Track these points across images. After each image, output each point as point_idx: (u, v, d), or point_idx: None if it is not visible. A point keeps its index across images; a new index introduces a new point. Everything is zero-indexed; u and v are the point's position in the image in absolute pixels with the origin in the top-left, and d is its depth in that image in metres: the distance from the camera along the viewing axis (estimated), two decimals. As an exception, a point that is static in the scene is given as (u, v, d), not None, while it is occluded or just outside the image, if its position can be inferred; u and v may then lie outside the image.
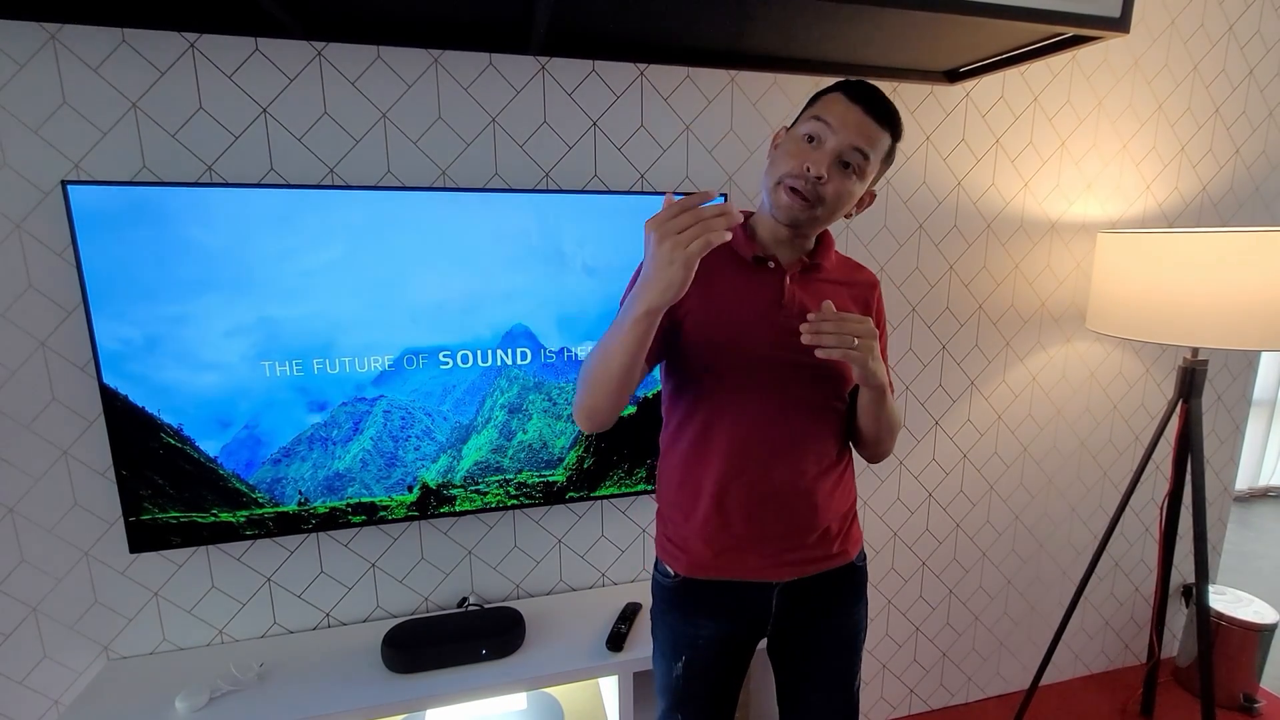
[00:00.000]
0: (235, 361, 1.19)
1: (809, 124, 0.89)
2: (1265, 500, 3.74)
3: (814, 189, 0.88)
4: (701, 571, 1.01)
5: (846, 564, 1.04)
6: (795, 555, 0.99)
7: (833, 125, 0.87)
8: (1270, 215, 2.00)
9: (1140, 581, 2.16)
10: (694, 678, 1.04)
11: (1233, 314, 1.36)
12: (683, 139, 1.47)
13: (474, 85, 1.33)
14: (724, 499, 0.97)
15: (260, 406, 1.22)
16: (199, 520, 1.23)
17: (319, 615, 1.45)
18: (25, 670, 1.30)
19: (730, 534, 0.98)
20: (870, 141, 0.88)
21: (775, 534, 0.98)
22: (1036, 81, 1.69)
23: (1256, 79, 1.87)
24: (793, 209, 0.89)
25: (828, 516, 1.00)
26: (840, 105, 0.88)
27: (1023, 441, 1.92)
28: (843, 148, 0.87)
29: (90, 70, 1.15)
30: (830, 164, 0.87)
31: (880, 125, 0.88)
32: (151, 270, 1.12)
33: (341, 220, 1.20)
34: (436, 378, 1.30)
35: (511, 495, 1.39)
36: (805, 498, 0.98)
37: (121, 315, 1.12)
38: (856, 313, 0.96)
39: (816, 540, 1.00)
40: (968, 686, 2.05)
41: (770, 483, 0.96)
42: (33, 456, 1.23)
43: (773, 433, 0.96)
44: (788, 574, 1.00)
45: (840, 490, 1.03)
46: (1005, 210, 1.74)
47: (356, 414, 1.27)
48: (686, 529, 1.01)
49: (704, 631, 1.03)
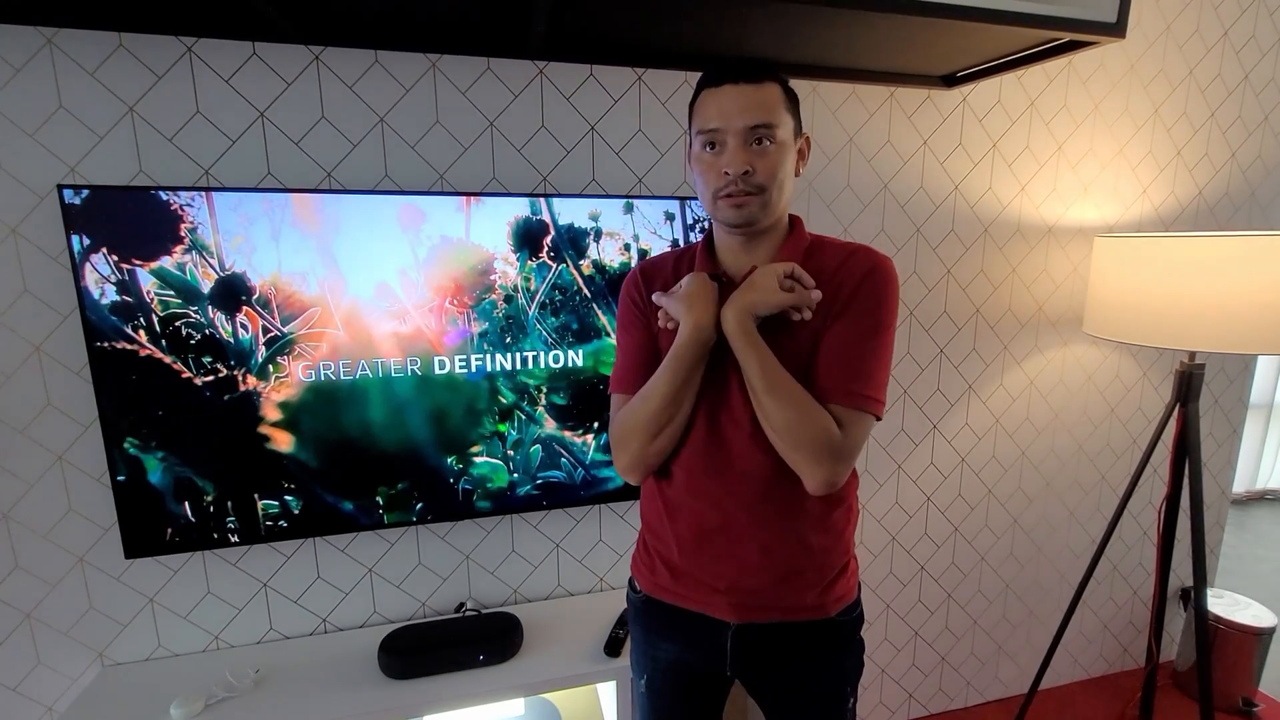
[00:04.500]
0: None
1: (698, 137, 0.87)
2: (1262, 503, 3.74)
3: (745, 184, 0.84)
4: (660, 593, 0.98)
5: (822, 619, 0.93)
6: (749, 599, 0.91)
7: (719, 123, 0.84)
8: (1266, 219, 2.00)
9: (1138, 585, 2.16)
10: (656, 695, 1.03)
11: (1229, 318, 1.36)
12: (680, 144, 1.47)
13: (472, 89, 1.33)
14: (681, 527, 0.94)
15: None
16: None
17: (315, 621, 1.45)
18: (19, 677, 1.29)
19: (687, 560, 0.94)
20: (761, 109, 0.83)
21: (727, 570, 0.91)
22: (1033, 86, 1.69)
23: (1252, 84, 1.88)
24: (740, 211, 0.86)
25: (790, 560, 0.90)
26: (712, 99, 0.85)
27: (1020, 445, 1.92)
28: (742, 133, 0.83)
29: (87, 74, 1.15)
30: (743, 154, 0.83)
31: (756, 85, 0.84)
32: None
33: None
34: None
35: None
36: (757, 533, 0.90)
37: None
38: (830, 301, 0.87)
39: (776, 585, 0.91)
40: (966, 691, 2.05)
41: (722, 513, 0.91)
42: (27, 462, 1.23)
43: (723, 457, 0.90)
44: (739, 616, 0.92)
45: (818, 535, 0.91)
46: (1002, 214, 1.75)
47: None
48: (654, 545, 1.00)
49: (661, 653, 1.01)
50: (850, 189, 1.61)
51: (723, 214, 0.88)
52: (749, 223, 0.87)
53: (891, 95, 1.59)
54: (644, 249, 1.37)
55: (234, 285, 1.16)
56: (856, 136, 1.59)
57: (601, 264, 1.35)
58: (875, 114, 1.59)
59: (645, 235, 1.37)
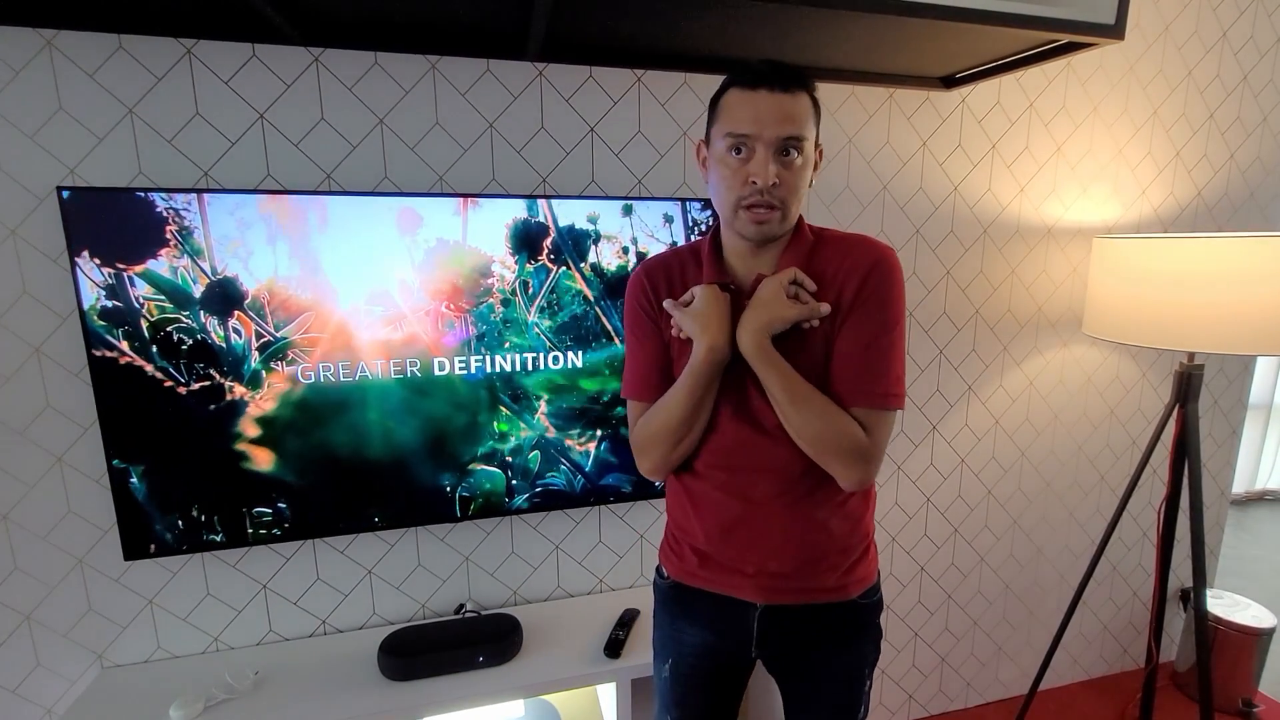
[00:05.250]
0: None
1: (725, 139, 0.84)
2: (1262, 504, 3.74)
3: (770, 196, 0.84)
4: (688, 579, 1.01)
5: (843, 600, 0.96)
6: (775, 582, 0.94)
7: (751, 129, 0.82)
8: (1265, 220, 2.01)
9: (1138, 586, 2.16)
10: (679, 681, 1.04)
11: (1229, 319, 1.36)
12: (680, 145, 1.47)
13: (471, 91, 1.34)
14: (707, 515, 0.96)
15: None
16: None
17: (315, 622, 1.45)
18: (18, 679, 1.29)
19: (713, 547, 0.97)
20: (795, 120, 0.82)
21: (753, 555, 0.94)
22: (1032, 87, 1.69)
23: (1250, 85, 1.88)
24: (760, 226, 0.86)
25: (814, 545, 0.93)
26: (745, 102, 0.83)
27: (1020, 446, 1.92)
28: (773, 142, 0.82)
29: (87, 76, 1.15)
30: (773, 166, 0.82)
31: (791, 93, 0.82)
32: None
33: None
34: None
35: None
36: (780, 522, 0.92)
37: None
38: (838, 300, 0.88)
39: (801, 569, 0.93)
40: (966, 692, 2.05)
41: (746, 504, 0.93)
42: (27, 463, 1.23)
43: (745, 455, 0.92)
44: (765, 597, 0.95)
45: (838, 520, 0.94)
46: (1001, 215, 1.75)
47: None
48: (680, 535, 1.02)
49: (687, 638, 1.02)
50: (850, 190, 1.61)
51: (741, 226, 0.87)
52: (768, 238, 0.89)
53: (891, 96, 1.59)
54: (643, 251, 1.37)
55: (227, 289, 1.16)
56: (856, 137, 1.59)
57: (600, 266, 1.35)
58: (874, 115, 1.59)
59: (644, 238, 1.37)
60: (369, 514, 1.31)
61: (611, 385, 1.40)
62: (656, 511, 1.63)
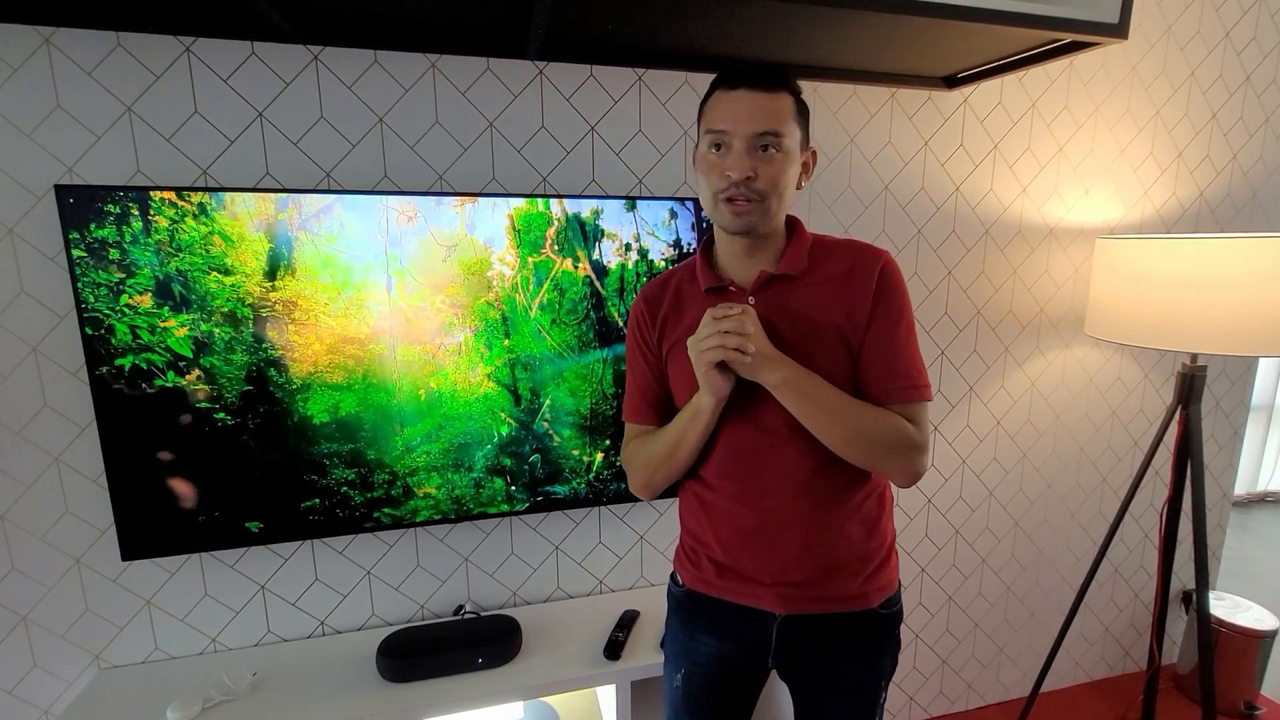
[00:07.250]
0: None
1: (707, 136, 0.88)
2: (1264, 505, 3.74)
3: (747, 189, 0.85)
4: (704, 588, 1.00)
5: (864, 610, 0.95)
6: (795, 591, 0.93)
7: (727, 125, 0.84)
8: (1268, 221, 2.00)
9: (1140, 588, 2.16)
10: (692, 690, 1.03)
11: (1231, 320, 1.35)
12: (680, 144, 1.47)
13: (471, 89, 1.33)
14: (722, 526, 0.96)
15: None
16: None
17: (313, 623, 1.44)
18: (14, 680, 1.28)
19: (731, 559, 0.96)
20: (771, 117, 0.84)
21: (772, 565, 0.93)
22: (1034, 87, 1.69)
23: (1253, 85, 1.88)
24: (739, 218, 0.87)
25: (832, 552, 0.92)
26: (725, 101, 0.85)
27: (1022, 447, 1.91)
28: (749, 138, 0.84)
29: (84, 74, 1.14)
30: (748, 160, 0.84)
31: (770, 93, 0.84)
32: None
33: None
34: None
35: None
36: (798, 530, 0.91)
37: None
38: (853, 305, 0.90)
39: (820, 577, 0.92)
40: (967, 694, 2.04)
41: (762, 512, 0.92)
42: (24, 463, 1.22)
43: (752, 460, 0.92)
44: (785, 607, 0.94)
45: (855, 524, 0.93)
46: (1003, 215, 1.74)
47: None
48: (697, 546, 1.01)
49: (702, 647, 1.02)
50: (851, 190, 1.61)
51: (722, 218, 0.89)
52: (748, 230, 0.89)
53: (893, 96, 1.58)
54: (644, 249, 1.37)
55: (221, 288, 1.16)
56: (857, 137, 1.58)
57: (602, 265, 1.35)
58: (876, 115, 1.58)
59: (645, 237, 1.36)
60: (373, 515, 1.30)
61: (609, 383, 1.40)
62: (657, 513, 1.62)
